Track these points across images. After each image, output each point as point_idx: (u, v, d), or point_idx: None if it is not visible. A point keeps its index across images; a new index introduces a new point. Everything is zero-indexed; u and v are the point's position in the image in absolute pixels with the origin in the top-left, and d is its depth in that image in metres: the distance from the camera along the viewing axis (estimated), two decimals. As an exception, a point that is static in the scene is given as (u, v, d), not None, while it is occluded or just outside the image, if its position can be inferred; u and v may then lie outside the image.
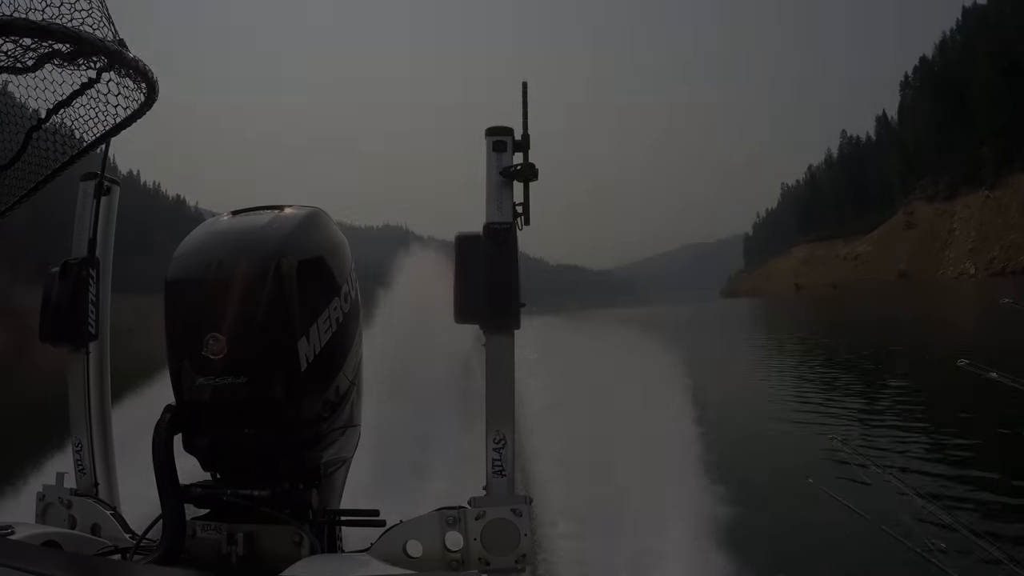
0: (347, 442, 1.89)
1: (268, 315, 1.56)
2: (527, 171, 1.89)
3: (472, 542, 1.71)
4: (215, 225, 1.75)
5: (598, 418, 5.99)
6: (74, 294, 2.22)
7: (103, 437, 2.34)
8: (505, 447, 1.82)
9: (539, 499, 3.87)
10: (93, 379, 2.33)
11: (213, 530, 1.63)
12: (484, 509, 1.73)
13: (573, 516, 4.38)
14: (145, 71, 1.26)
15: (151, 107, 1.39)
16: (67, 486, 2.20)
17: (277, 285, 1.57)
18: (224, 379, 1.55)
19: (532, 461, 5.11)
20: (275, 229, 1.67)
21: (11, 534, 1.51)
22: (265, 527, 1.62)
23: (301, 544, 1.61)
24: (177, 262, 1.65)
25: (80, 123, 1.39)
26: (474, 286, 1.82)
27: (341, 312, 1.77)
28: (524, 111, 1.92)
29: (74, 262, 2.25)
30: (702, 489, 4.80)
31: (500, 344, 1.86)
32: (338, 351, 1.76)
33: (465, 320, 1.84)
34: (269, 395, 1.58)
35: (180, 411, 1.64)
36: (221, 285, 1.55)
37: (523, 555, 1.72)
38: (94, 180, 2.33)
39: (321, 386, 1.70)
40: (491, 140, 1.92)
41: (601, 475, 4.90)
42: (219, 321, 1.54)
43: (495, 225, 1.85)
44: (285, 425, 1.63)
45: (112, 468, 2.36)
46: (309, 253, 1.70)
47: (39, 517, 2.15)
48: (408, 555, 1.70)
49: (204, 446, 1.67)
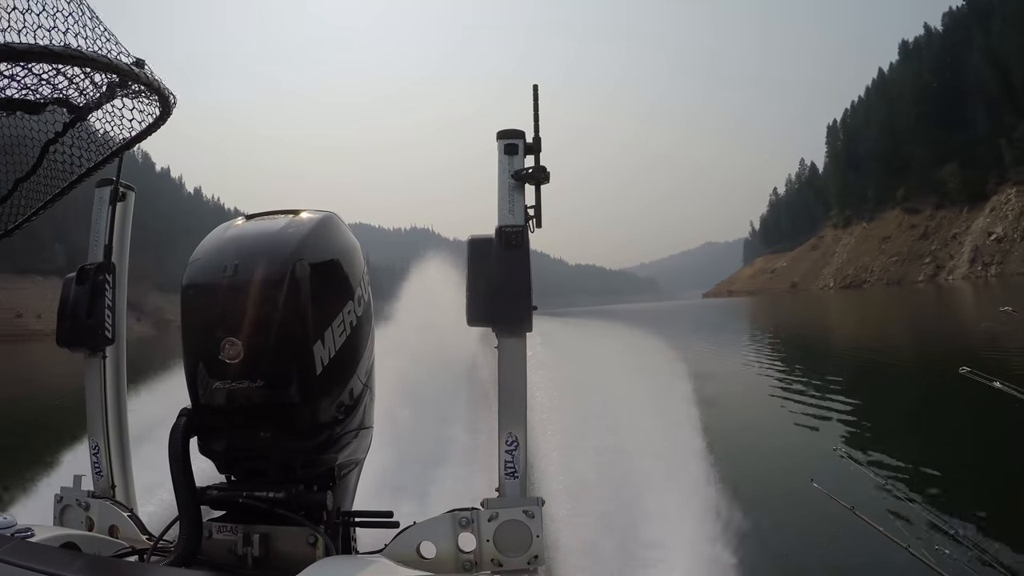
0: (360, 444, 1.90)
1: (284, 319, 1.57)
2: (539, 174, 1.89)
3: (485, 543, 1.72)
4: (230, 230, 1.76)
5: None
6: (91, 299, 2.24)
7: (120, 440, 2.37)
8: (517, 449, 1.83)
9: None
10: (110, 383, 2.36)
11: (229, 531, 1.65)
12: (497, 511, 1.74)
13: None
14: (159, 87, 1.28)
15: (166, 121, 1.41)
16: (84, 488, 2.24)
17: (293, 289, 1.58)
18: (240, 383, 1.56)
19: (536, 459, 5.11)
20: (290, 234, 1.68)
21: (31, 536, 1.53)
22: (280, 528, 1.64)
23: (316, 545, 1.62)
24: (193, 267, 1.66)
25: (96, 136, 1.41)
26: (486, 289, 1.83)
27: (355, 315, 1.78)
28: (535, 114, 1.92)
29: (90, 268, 2.28)
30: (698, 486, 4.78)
31: (512, 347, 1.87)
32: (352, 354, 1.77)
33: (477, 323, 1.85)
34: (285, 399, 1.59)
35: (196, 414, 1.65)
36: (237, 290, 1.56)
37: (535, 556, 1.73)
38: (109, 187, 2.36)
39: (336, 389, 1.71)
40: (503, 143, 1.92)
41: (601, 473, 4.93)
42: (235, 325, 1.55)
43: (507, 228, 1.85)
44: (301, 428, 1.64)
45: (129, 470, 2.38)
46: (324, 257, 1.70)
47: (57, 519, 2.19)
48: (422, 556, 1.72)
49: (220, 449, 1.68)
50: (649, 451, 5.01)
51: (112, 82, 1.16)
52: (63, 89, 1.12)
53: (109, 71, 1.08)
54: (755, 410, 11.02)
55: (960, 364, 2.20)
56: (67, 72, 1.07)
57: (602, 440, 5.35)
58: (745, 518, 4.56)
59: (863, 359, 18.57)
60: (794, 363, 17.12)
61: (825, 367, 15.27)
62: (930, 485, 6.63)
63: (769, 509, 5.10)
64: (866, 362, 17.73)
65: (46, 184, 1.52)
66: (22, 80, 1.06)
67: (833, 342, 24.20)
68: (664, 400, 6.41)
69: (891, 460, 7.13)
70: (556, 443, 5.06)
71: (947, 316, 31.95)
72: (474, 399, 5.82)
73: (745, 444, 7.11)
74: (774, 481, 6.87)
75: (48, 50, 0.94)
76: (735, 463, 5.63)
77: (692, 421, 6.08)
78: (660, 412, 5.96)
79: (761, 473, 6.92)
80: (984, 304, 35.72)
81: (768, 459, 7.87)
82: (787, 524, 4.94)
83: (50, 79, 1.08)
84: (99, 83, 1.15)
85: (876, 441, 8.29)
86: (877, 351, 19.51)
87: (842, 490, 5.01)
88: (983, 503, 6.14)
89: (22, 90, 1.09)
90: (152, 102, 1.34)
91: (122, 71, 1.10)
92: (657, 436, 5.36)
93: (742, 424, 9.34)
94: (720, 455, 5.41)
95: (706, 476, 4.87)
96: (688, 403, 6.65)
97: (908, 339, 22.48)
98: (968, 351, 15.71)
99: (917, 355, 19.12)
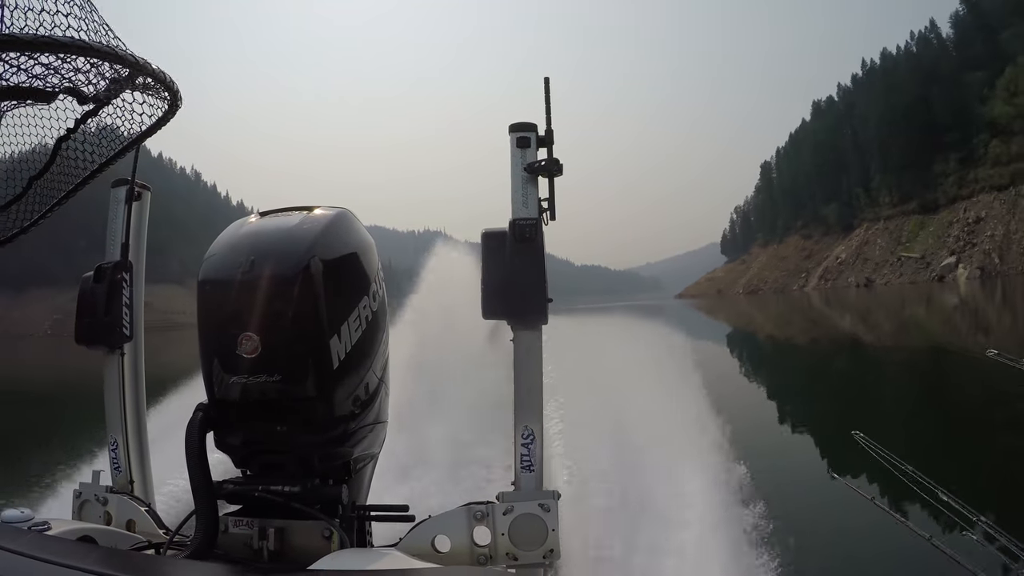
0: (376, 438, 1.90)
1: (300, 314, 1.58)
2: (552, 166, 1.88)
3: (500, 537, 1.71)
4: (245, 226, 1.76)
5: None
6: (108, 297, 2.26)
7: (138, 435, 2.39)
8: (533, 442, 1.82)
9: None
10: (128, 379, 2.38)
11: (245, 525, 1.65)
12: (512, 504, 1.74)
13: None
14: (168, 81, 1.28)
15: (175, 114, 1.42)
16: (103, 484, 2.26)
17: (308, 285, 1.58)
18: (257, 378, 1.56)
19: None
20: (305, 230, 1.68)
21: (47, 529, 1.55)
22: (296, 522, 1.64)
23: (331, 539, 1.62)
24: (209, 262, 1.67)
25: (107, 132, 1.42)
26: (501, 282, 1.82)
27: (370, 311, 1.78)
28: (547, 107, 1.90)
29: (107, 266, 2.30)
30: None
31: (527, 340, 1.86)
32: (368, 349, 1.77)
33: (492, 316, 1.84)
34: (302, 393, 1.59)
35: (212, 409, 1.66)
36: (253, 285, 1.57)
37: (551, 550, 1.72)
38: (125, 186, 2.38)
39: (352, 384, 1.71)
40: (515, 136, 1.91)
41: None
42: (251, 321, 1.55)
43: (521, 221, 1.84)
44: (317, 422, 1.64)
45: (147, 466, 2.41)
46: (338, 253, 1.70)
47: (75, 514, 2.21)
48: (436, 550, 1.71)
49: (237, 444, 1.69)
50: (659, 441, 5.01)
51: (120, 75, 1.17)
52: (72, 79, 1.13)
53: (117, 62, 1.09)
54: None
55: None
56: (75, 62, 1.08)
57: (610, 431, 5.36)
58: (763, 510, 4.54)
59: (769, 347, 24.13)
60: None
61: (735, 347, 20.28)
62: (953, 473, 6.61)
63: (787, 500, 5.09)
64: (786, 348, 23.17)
65: (60, 181, 1.53)
66: (31, 69, 1.06)
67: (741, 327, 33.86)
68: (659, 390, 6.41)
69: (911, 449, 7.10)
70: (568, 435, 5.07)
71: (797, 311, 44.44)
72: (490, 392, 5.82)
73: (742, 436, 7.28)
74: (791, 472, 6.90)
75: (55, 40, 0.94)
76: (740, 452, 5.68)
77: (694, 408, 6.10)
78: (661, 402, 5.97)
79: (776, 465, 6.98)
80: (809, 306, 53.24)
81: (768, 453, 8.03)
82: (806, 516, 4.93)
83: (58, 69, 1.09)
84: (107, 75, 1.15)
85: (893, 430, 8.29)
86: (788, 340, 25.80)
87: (861, 482, 5.00)
88: (1006, 491, 6.09)
89: (32, 79, 1.10)
90: (160, 96, 1.34)
91: (129, 63, 1.10)
92: (664, 425, 5.36)
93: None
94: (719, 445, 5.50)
95: (721, 468, 4.85)
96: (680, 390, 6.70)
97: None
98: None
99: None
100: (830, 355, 22.42)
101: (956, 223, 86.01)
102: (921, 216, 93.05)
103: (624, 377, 6.53)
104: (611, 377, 6.62)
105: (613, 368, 7.07)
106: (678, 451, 4.78)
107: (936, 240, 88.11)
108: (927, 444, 8.12)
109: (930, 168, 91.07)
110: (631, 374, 6.62)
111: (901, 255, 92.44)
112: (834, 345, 25.28)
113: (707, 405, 6.35)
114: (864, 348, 23.34)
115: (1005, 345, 6.48)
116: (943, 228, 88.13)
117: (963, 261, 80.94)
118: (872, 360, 19.86)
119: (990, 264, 76.86)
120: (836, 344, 25.61)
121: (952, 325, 28.26)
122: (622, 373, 6.71)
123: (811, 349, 25.16)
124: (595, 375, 6.55)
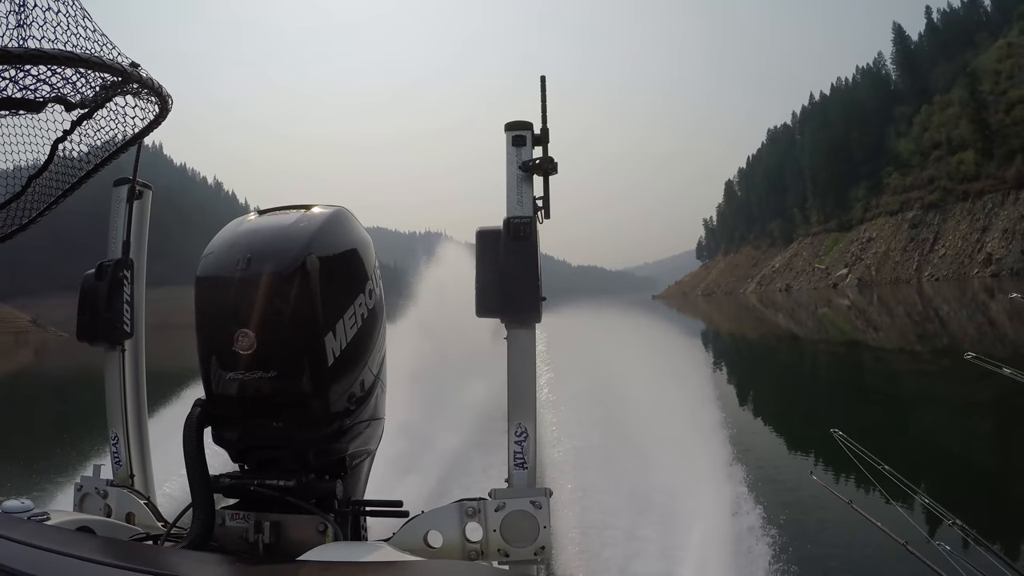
0: (372, 434, 1.92)
1: (296, 311, 1.59)
2: (547, 165, 1.88)
3: (491, 533, 1.72)
4: (243, 224, 1.78)
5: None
6: (110, 294, 2.29)
7: (138, 430, 2.42)
8: (527, 439, 1.83)
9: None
10: (129, 375, 2.41)
11: (241, 519, 1.68)
12: (504, 501, 1.75)
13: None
14: (156, 86, 1.31)
15: (166, 117, 1.45)
16: (103, 477, 2.29)
17: (304, 282, 1.60)
18: (253, 374, 1.59)
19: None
20: (302, 228, 1.69)
21: (46, 520, 1.57)
22: (291, 516, 1.66)
23: (326, 533, 1.65)
24: (207, 260, 1.69)
25: (102, 134, 1.44)
26: (495, 280, 1.83)
27: (366, 308, 1.79)
28: (543, 105, 1.91)
29: (109, 264, 2.32)
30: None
31: (521, 338, 1.86)
32: (363, 346, 1.79)
33: (486, 314, 1.85)
34: (297, 389, 1.62)
35: (209, 404, 1.68)
36: (250, 283, 1.59)
37: (542, 547, 1.73)
38: (126, 185, 2.40)
39: (347, 380, 1.73)
40: (511, 135, 1.91)
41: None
42: (248, 317, 1.57)
43: (516, 219, 1.85)
44: (313, 418, 1.66)
45: (147, 460, 2.43)
46: (335, 251, 1.72)
47: (77, 507, 2.24)
48: (429, 545, 1.73)
49: (234, 439, 1.71)
50: (650, 440, 5.05)
51: (108, 82, 1.20)
52: (60, 89, 1.16)
53: (103, 71, 1.11)
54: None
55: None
56: (63, 73, 1.11)
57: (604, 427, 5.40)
58: (748, 508, 4.55)
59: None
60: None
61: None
62: (929, 475, 6.64)
63: (769, 501, 5.11)
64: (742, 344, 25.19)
65: (57, 180, 1.56)
66: (21, 81, 1.09)
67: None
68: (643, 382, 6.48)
69: (891, 451, 7.11)
70: (562, 432, 5.10)
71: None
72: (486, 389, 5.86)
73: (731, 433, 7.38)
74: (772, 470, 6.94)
75: (44, 53, 0.97)
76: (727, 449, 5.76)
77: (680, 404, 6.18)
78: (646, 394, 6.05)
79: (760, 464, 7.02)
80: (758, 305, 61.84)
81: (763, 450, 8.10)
82: (785, 516, 4.94)
83: (47, 80, 1.11)
84: (94, 83, 1.18)
85: (874, 433, 8.29)
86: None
87: (840, 484, 5.04)
88: (983, 495, 6.10)
89: (22, 90, 1.12)
90: (151, 101, 1.37)
91: (116, 71, 1.13)
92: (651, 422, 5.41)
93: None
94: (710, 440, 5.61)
95: (709, 468, 4.88)
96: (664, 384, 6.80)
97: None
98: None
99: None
100: (776, 347, 26.03)
101: (856, 241, 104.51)
102: (837, 234, 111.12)
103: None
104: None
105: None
106: (647, 447, 4.82)
107: (839, 255, 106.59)
108: (904, 444, 8.12)
109: (847, 194, 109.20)
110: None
111: (815, 266, 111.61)
112: (778, 340, 29.43)
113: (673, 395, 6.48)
114: (801, 341, 27.94)
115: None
116: (847, 245, 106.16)
117: (852, 272, 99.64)
118: (807, 352, 23.51)
119: (868, 275, 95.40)
120: (779, 338, 30.04)
121: (850, 320, 36.19)
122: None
123: (762, 343, 28.66)
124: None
